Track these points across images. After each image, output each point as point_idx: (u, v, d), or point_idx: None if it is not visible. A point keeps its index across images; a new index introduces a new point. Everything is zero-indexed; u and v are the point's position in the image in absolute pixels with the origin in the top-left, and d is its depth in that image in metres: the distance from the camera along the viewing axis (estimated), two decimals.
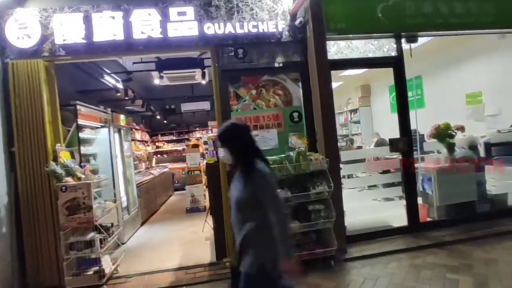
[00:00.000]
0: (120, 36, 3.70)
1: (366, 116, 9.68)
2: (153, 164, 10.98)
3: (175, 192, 10.09)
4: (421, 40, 5.77)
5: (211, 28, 3.83)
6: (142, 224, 6.20)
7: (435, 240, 3.97)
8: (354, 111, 10.01)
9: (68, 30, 3.65)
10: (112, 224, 3.88)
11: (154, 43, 3.78)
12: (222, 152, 1.96)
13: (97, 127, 4.89)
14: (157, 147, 11.22)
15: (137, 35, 3.72)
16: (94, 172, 3.97)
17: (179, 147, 11.45)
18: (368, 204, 4.83)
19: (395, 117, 4.55)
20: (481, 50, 5.93)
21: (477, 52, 6.03)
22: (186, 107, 10.12)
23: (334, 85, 10.44)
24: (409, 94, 7.92)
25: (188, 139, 11.42)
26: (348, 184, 5.02)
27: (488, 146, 4.82)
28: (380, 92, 9.03)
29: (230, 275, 3.15)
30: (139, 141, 8.45)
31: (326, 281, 3.23)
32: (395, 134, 4.49)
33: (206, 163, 4.06)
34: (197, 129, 11.99)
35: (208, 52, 4.02)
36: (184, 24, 3.78)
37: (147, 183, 6.74)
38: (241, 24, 3.89)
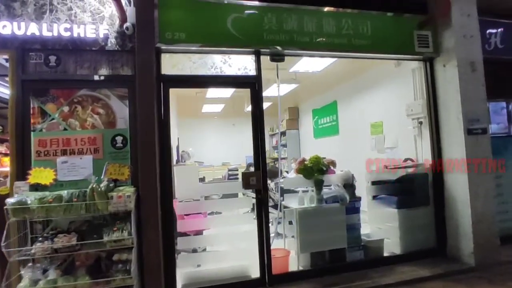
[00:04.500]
0: None
1: (293, 140, 9.17)
2: None
3: None
4: (327, 61, 5.34)
5: (8, 28, 3.08)
6: None
7: None
8: (284, 133, 9.50)
9: None
10: None
11: None
12: None
13: None
14: None
15: None
16: None
17: None
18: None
19: (319, 142, 4.03)
20: (382, 77, 5.53)
21: (379, 79, 5.63)
22: None
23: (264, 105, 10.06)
24: (325, 120, 7.51)
25: None
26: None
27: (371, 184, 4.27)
28: (307, 115, 8.56)
29: None
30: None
31: None
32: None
33: None
34: None
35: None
36: None
37: None
38: (51, 26, 3.18)
